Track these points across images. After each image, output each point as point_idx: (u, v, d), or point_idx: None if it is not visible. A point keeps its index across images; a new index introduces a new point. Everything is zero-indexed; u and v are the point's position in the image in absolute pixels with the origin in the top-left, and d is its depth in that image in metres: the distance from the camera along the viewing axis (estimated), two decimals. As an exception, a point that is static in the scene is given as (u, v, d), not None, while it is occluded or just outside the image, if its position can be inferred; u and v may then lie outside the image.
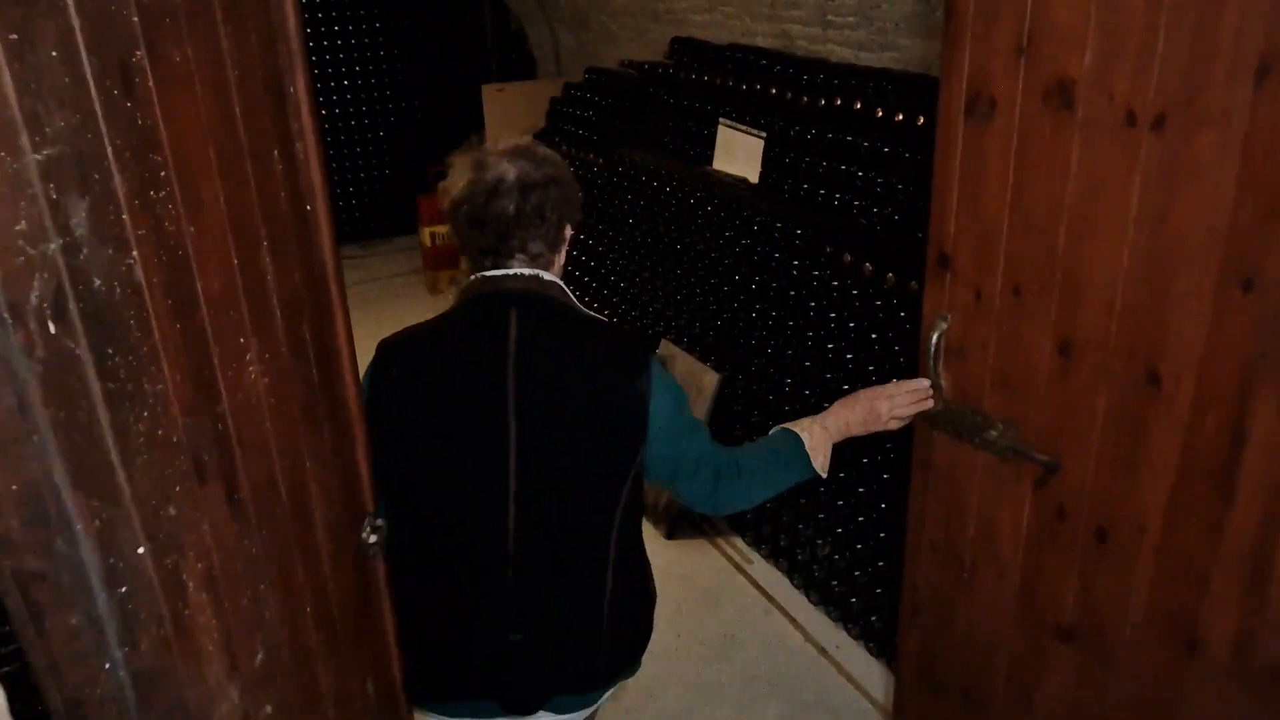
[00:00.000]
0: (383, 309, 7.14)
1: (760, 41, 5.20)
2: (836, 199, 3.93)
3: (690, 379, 4.28)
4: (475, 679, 1.78)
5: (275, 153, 1.34)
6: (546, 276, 1.76)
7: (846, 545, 3.53)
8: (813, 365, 3.58)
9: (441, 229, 7.20)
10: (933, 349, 2.02)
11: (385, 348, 1.83)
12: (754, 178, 4.44)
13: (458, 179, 1.87)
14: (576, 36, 7.73)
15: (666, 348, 4.50)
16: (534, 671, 1.77)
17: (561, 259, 1.85)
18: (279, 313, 1.32)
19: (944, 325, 2.01)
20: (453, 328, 1.77)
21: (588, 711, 1.90)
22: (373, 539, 1.74)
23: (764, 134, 4.39)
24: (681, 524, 4.30)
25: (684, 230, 4.40)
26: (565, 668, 1.80)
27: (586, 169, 5.30)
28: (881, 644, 3.38)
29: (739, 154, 4.56)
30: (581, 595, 1.77)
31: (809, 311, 3.57)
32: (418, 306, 7.09)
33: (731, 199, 4.07)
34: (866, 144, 3.75)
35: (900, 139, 3.61)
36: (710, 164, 4.75)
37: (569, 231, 1.83)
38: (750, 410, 4.01)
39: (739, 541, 4.20)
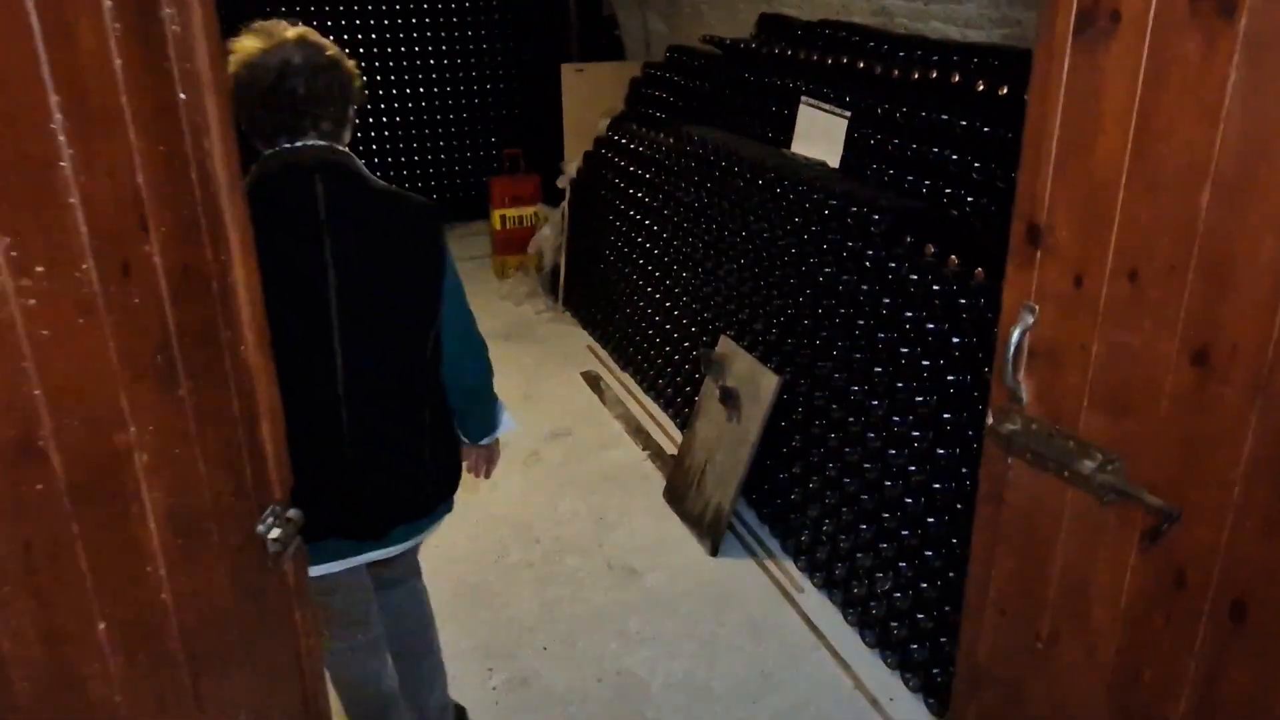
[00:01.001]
0: (448, 293, 6.91)
1: (856, 18, 4.71)
2: (925, 185, 3.43)
3: (748, 380, 3.84)
4: (328, 515, 1.95)
5: None
6: (339, 147, 1.94)
7: (911, 583, 3.04)
8: (884, 373, 3.10)
9: (512, 211, 6.93)
10: (1012, 349, 1.55)
11: None
12: (834, 161, 3.97)
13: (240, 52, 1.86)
14: (667, 21, 7.36)
15: (724, 344, 4.07)
16: (375, 500, 2.03)
17: (347, 137, 2.01)
18: (82, 217, 0.97)
19: (1030, 319, 1.54)
20: (262, 194, 1.79)
21: (413, 543, 2.24)
22: (275, 533, 1.39)
23: (848, 114, 3.92)
24: (728, 540, 3.86)
25: (750, 216, 3.96)
26: (400, 496, 2.08)
27: (655, 149, 4.91)
28: (944, 701, 2.88)
29: (820, 136, 4.09)
30: (406, 430, 2.03)
31: (883, 310, 3.10)
32: (484, 289, 6.83)
33: (802, 182, 3.61)
34: (963, 123, 3.25)
35: (1002, 118, 3.10)
36: (789, 146, 4.30)
37: (353, 112, 2.00)
38: (810, 419, 3.55)
39: (790, 566, 3.74)
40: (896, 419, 3.03)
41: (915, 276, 2.93)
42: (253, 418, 1.36)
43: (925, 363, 2.90)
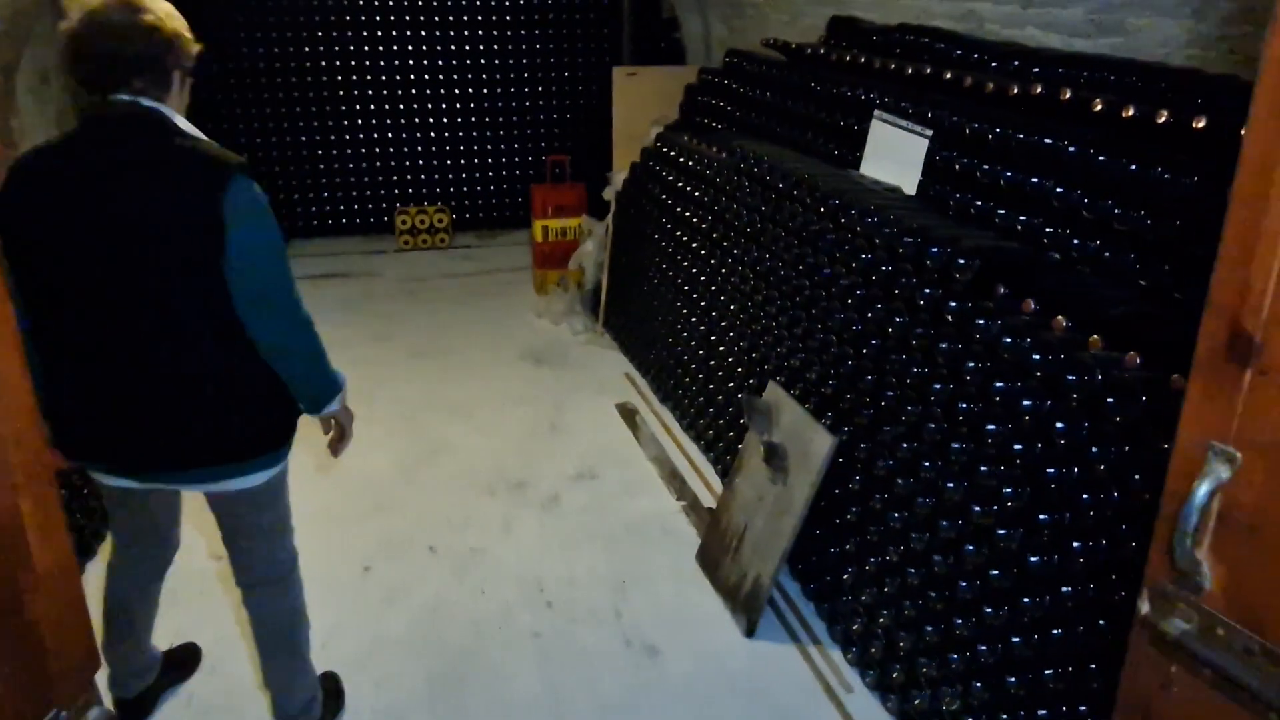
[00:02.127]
0: (486, 302, 6.49)
1: (939, 23, 4.16)
2: (1020, 222, 2.88)
3: (797, 437, 3.32)
4: (97, 442, 2.20)
5: None
6: (147, 102, 2.04)
7: (986, 709, 2.49)
8: (963, 450, 2.56)
9: (555, 222, 6.49)
10: (1196, 510, 1.03)
11: (11, 170, 2.06)
12: (910, 187, 3.43)
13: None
14: (729, 24, 6.85)
15: (772, 392, 3.55)
16: (135, 436, 2.18)
17: (173, 97, 2.13)
18: None
19: (1224, 472, 1.01)
20: (66, 147, 2.05)
21: (219, 490, 2.36)
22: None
23: (929, 132, 3.37)
24: (766, 617, 3.34)
25: (809, 248, 3.43)
26: (166, 438, 2.18)
27: (706, 164, 4.40)
28: None
29: (894, 156, 3.55)
30: (174, 373, 2.10)
31: (965, 375, 2.55)
32: (521, 304, 6.40)
33: (871, 211, 3.07)
34: (1070, 148, 2.69)
35: (1125, 143, 2.54)
36: (858, 167, 3.77)
37: (180, 76, 2.14)
38: (869, 491, 3.01)
39: (837, 657, 3.20)
40: (977, 508, 2.48)
41: (1009, 339, 2.38)
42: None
43: (1017, 446, 2.35)
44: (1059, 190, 2.74)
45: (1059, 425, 2.21)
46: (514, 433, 4.72)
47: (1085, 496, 2.13)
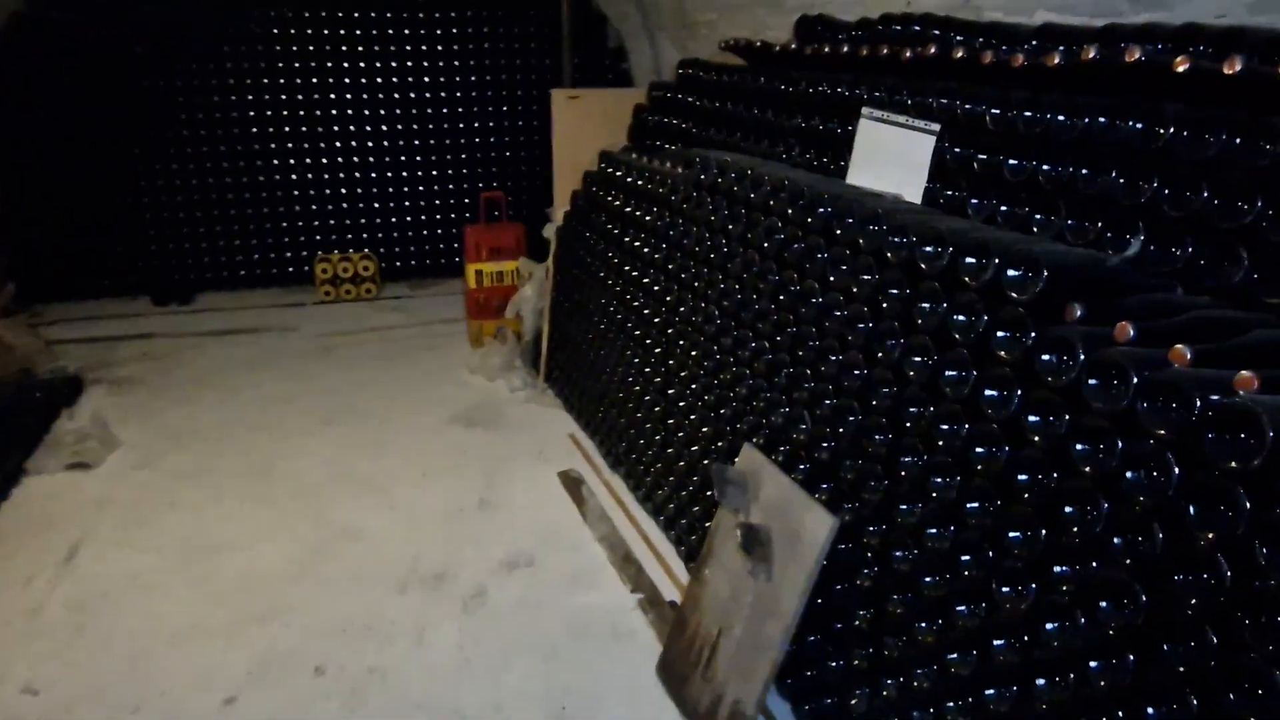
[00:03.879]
0: (413, 358, 5.68)
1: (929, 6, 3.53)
2: (1069, 228, 2.19)
3: (784, 516, 2.56)
4: None
5: None
6: None
7: None
8: (1025, 541, 1.81)
9: (490, 266, 5.73)
10: None
11: None
12: (914, 193, 2.74)
13: None
14: (682, 46, 6.25)
15: (749, 459, 2.80)
16: None
17: None
18: None
19: None
20: None
21: None
22: None
23: (935, 126, 2.70)
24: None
25: (794, 272, 2.71)
26: None
27: (659, 182, 3.68)
28: None
29: (891, 159, 2.87)
30: None
31: (1033, 435, 1.82)
32: (453, 359, 5.59)
33: (876, 218, 2.36)
34: (1135, 126, 2.01)
35: (1237, 122, 1.87)
36: (845, 176, 3.08)
37: None
38: (884, 590, 2.25)
39: (849, 811, 2.40)
40: (1050, 626, 1.73)
41: (1094, 380, 1.66)
42: None
43: (1116, 541, 1.61)
44: (1122, 182, 2.06)
45: (1190, 509, 1.47)
46: (435, 511, 3.90)
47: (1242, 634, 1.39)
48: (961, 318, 1.98)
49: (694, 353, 3.30)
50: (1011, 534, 1.83)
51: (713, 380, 3.16)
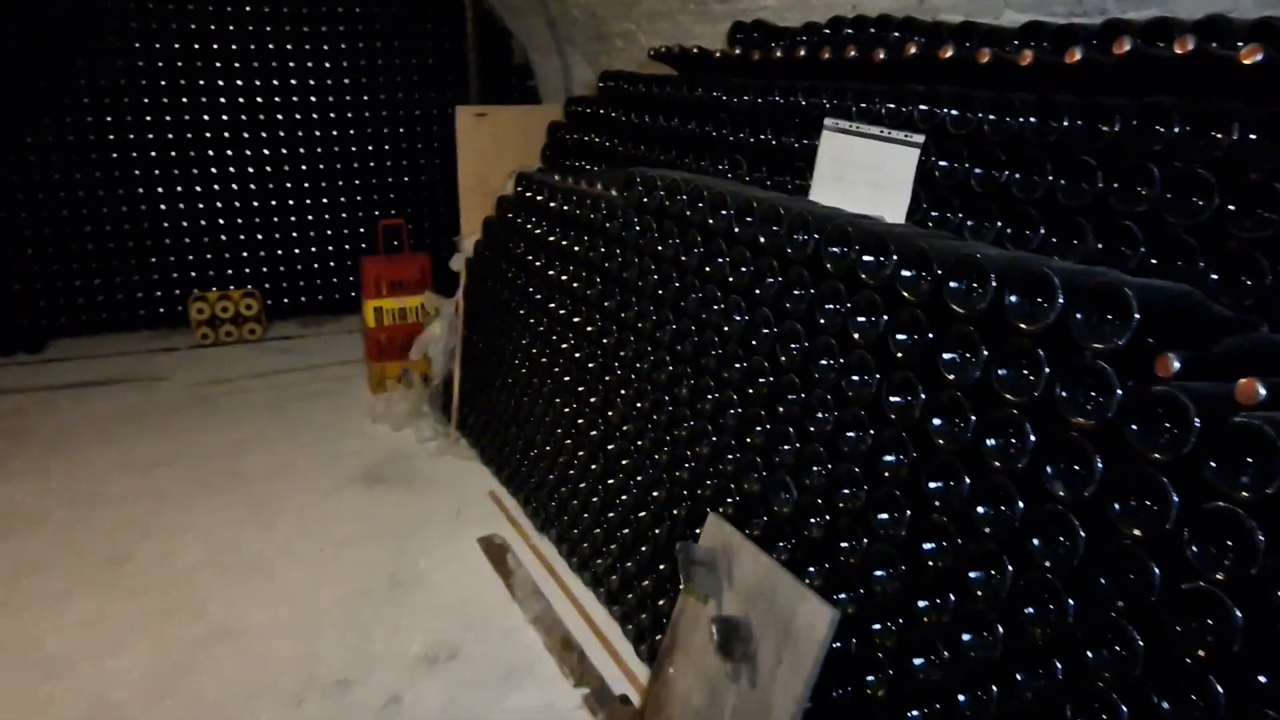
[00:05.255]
0: (306, 406, 5.04)
1: (878, 10, 3.19)
2: (1100, 252, 1.83)
3: (768, 606, 2.11)
4: None
5: None
6: None
7: None
8: (1111, 660, 1.41)
9: (391, 302, 5.16)
10: None
11: None
12: (895, 215, 2.36)
13: None
14: (595, 62, 5.83)
15: (716, 531, 2.34)
16: None
17: None
18: None
19: None
20: None
21: None
22: None
23: (919, 137, 2.32)
24: None
25: (773, 312, 2.28)
26: None
27: (589, 207, 3.22)
28: None
29: (862, 176, 2.49)
30: None
31: (1064, 506, 1.42)
32: (353, 407, 4.98)
33: (870, 251, 1.95)
34: (1186, 130, 1.67)
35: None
36: (806, 194, 2.68)
37: None
38: (902, 700, 1.82)
39: None
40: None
41: (1215, 461, 1.26)
42: None
43: (1262, 679, 1.21)
44: (1169, 197, 1.71)
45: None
46: (336, 596, 3.30)
47: None
48: (1009, 371, 1.58)
49: (639, 404, 2.83)
50: (1092, 650, 1.42)
51: (665, 436, 2.70)
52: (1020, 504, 1.58)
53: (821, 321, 2.01)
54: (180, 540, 3.66)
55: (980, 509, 1.63)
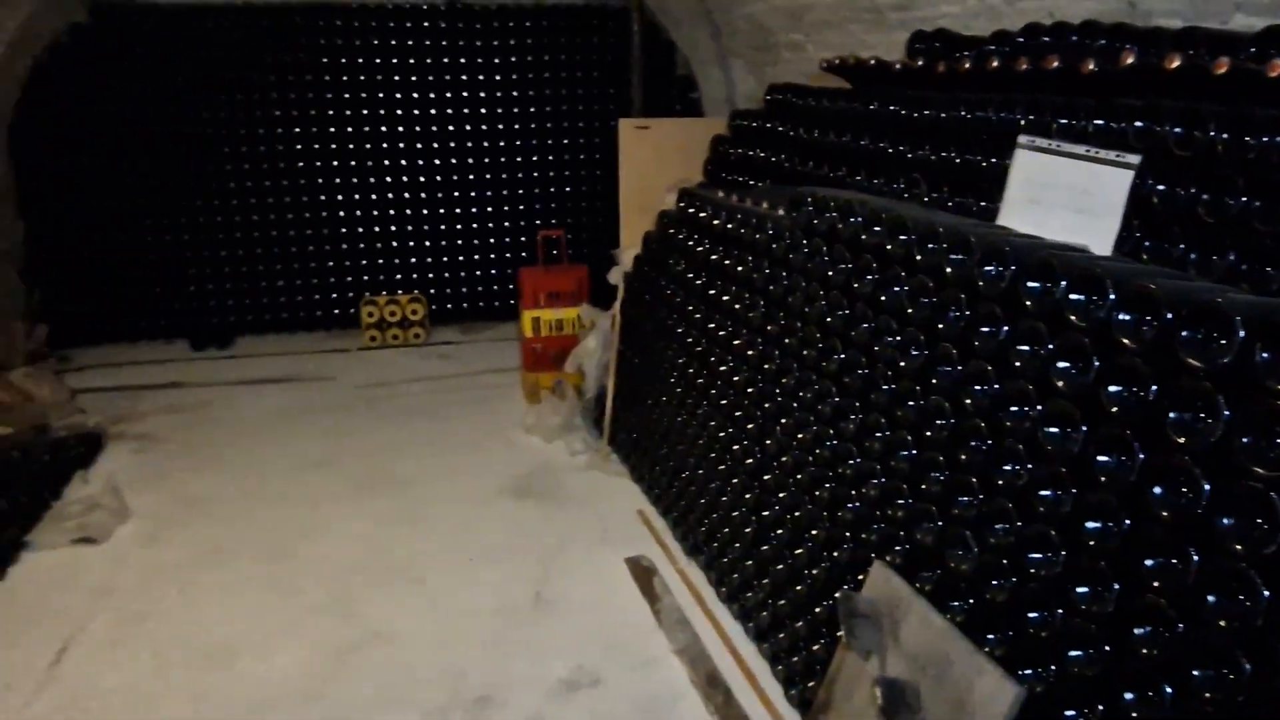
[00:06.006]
0: (461, 413, 5.14)
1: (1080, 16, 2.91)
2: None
3: (939, 673, 1.91)
4: None
5: None
6: None
7: None
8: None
9: (548, 313, 5.19)
10: None
11: None
12: (1102, 245, 2.11)
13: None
14: (760, 74, 5.69)
15: (882, 582, 2.16)
16: None
17: None
18: None
19: None
20: None
21: None
22: None
23: (1134, 158, 2.07)
24: None
25: (955, 346, 2.08)
26: None
27: (756, 226, 3.09)
28: None
29: (1063, 200, 2.24)
30: None
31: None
32: (505, 417, 5.03)
33: (1094, 279, 1.73)
34: None
35: None
36: (993, 218, 2.46)
37: None
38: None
39: None
40: None
41: None
42: None
43: None
44: None
45: None
46: (482, 609, 3.31)
47: None
48: (1255, 440, 1.34)
49: (800, 435, 2.68)
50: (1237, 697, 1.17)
51: (827, 472, 2.54)
52: (1265, 593, 1.34)
53: (1016, 364, 1.81)
54: (338, 541, 3.77)
55: (1210, 597, 1.39)
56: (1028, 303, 1.79)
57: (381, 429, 4.96)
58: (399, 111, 6.40)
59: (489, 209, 6.71)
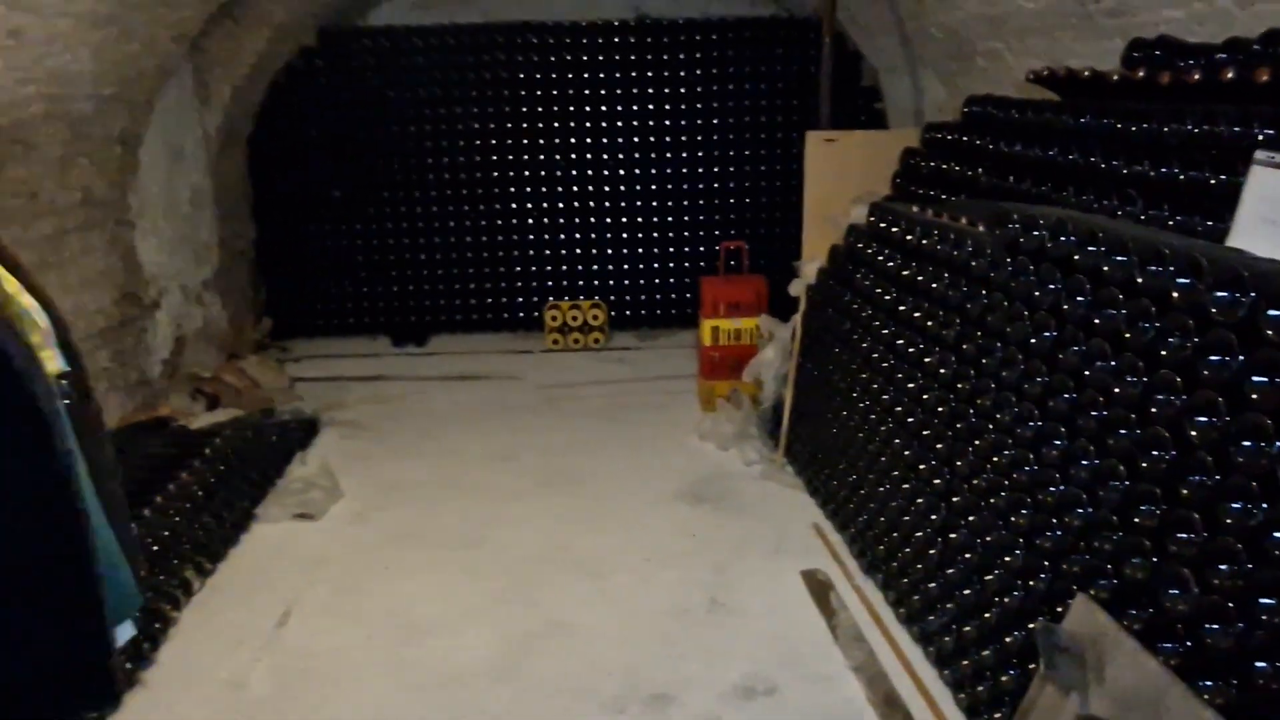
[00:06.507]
0: (639, 416, 5.28)
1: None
2: None
3: (1147, 717, 1.82)
4: None
5: None
6: None
7: None
8: None
9: (727, 323, 5.25)
10: None
11: None
12: (1357, 273, 1.94)
13: None
14: (951, 83, 5.53)
15: (1085, 616, 2.07)
16: None
17: None
18: None
19: None
20: None
21: None
22: None
23: (1396, 177, 1.90)
24: None
25: (1177, 379, 1.98)
26: None
27: (952, 243, 3.03)
28: None
29: (1309, 222, 2.08)
30: None
31: None
32: (681, 423, 5.12)
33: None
34: None
35: None
36: (1221, 240, 2.31)
37: None
38: None
39: None
40: None
41: None
42: None
43: None
44: None
45: None
46: (657, 609, 3.40)
47: None
48: None
49: (995, 459, 2.61)
50: None
51: (1025, 497, 2.46)
52: None
53: (1253, 397, 1.70)
54: (522, 532, 3.97)
55: None
56: (1269, 332, 1.68)
57: (562, 428, 5.17)
58: (588, 124, 6.66)
59: (670, 219, 6.86)
